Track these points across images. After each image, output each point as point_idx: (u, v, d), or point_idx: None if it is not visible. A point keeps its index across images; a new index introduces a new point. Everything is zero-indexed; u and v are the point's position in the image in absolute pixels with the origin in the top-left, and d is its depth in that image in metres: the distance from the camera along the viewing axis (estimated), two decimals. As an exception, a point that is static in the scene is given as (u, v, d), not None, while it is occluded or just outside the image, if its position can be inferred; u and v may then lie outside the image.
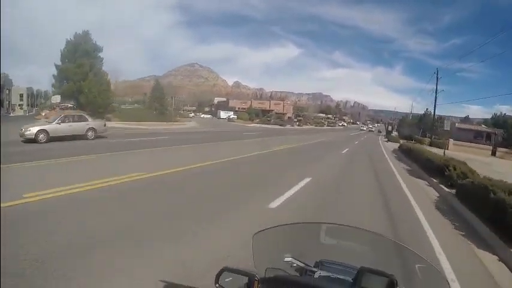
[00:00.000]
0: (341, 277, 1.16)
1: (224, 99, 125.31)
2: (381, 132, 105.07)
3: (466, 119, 73.39)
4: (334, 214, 6.36)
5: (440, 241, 5.16)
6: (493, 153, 44.11)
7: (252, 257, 1.36)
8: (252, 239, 1.39)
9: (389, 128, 72.79)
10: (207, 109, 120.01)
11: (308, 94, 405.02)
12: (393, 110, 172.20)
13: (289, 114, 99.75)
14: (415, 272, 1.35)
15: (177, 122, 44.88)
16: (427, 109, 59.79)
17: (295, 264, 1.28)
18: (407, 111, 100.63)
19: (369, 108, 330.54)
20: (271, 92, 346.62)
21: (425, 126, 55.86)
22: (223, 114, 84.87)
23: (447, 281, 1.35)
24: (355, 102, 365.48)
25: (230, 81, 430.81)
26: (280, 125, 65.59)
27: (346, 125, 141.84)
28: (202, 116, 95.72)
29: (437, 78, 48.39)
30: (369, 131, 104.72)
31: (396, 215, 6.86)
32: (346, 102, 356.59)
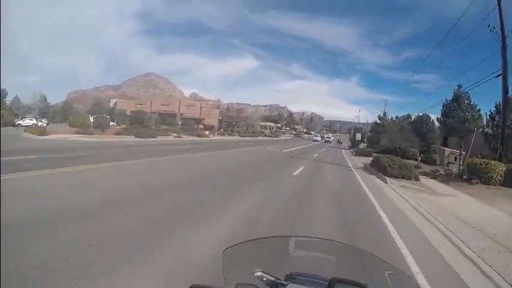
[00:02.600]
0: None
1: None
2: (341, 143, 71.84)
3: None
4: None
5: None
6: None
7: (222, 272, 1.26)
8: (222, 254, 1.31)
9: (358, 136, 38.34)
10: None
11: (265, 106, 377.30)
12: (348, 120, 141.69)
13: (210, 121, 63.16)
14: (386, 280, 1.30)
15: None
16: (460, 86, 24.38)
17: (265, 279, 1.14)
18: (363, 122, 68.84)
19: (325, 119, 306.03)
20: (228, 103, 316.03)
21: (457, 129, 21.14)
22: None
23: (419, 286, 1.37)
24: (311, 113, 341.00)
25: (187, 93, 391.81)
26: (139, 137, 29.41)
27: (298, 134, 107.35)
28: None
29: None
30: (325, 141, 71.51)
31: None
32: (303, 113, 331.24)
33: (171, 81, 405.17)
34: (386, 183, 12.18)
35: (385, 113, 44.79)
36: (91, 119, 42.18)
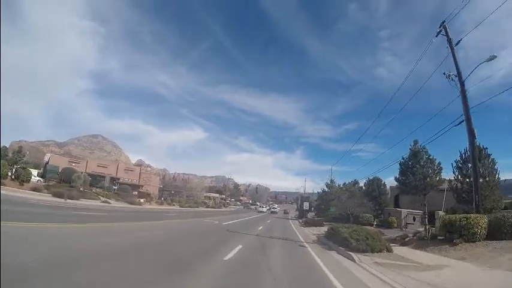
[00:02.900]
0: None
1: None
2: (288, 213, 69.68)
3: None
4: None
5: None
6: None
7: None
8: None
9: (306, 206, 36.54)
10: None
11: (211, 177, 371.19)
12: (294, 191, 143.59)
13: (150, 188, 57.42)
14: None
15: None
16: (416, 142, 23.98)
17: None
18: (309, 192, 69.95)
19: (271, 190, 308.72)
20: (174, 173, 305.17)
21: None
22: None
23: None
24: (257, 184, 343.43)
25: (134, 159, 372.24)
26: (57, 196, 24.18)
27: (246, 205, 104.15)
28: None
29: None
30: (271, 212, 70.99)
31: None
32: (249, 184, 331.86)
33: (118, 146, 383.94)
34: (354, 261, 9.47)
35: (332, 180, 44.37)
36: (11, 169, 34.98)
